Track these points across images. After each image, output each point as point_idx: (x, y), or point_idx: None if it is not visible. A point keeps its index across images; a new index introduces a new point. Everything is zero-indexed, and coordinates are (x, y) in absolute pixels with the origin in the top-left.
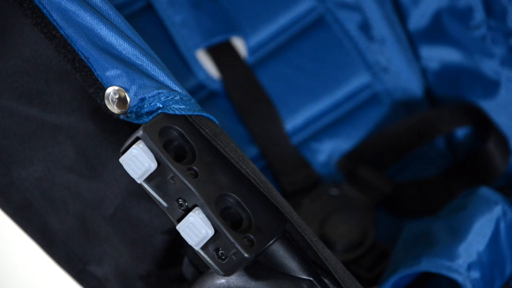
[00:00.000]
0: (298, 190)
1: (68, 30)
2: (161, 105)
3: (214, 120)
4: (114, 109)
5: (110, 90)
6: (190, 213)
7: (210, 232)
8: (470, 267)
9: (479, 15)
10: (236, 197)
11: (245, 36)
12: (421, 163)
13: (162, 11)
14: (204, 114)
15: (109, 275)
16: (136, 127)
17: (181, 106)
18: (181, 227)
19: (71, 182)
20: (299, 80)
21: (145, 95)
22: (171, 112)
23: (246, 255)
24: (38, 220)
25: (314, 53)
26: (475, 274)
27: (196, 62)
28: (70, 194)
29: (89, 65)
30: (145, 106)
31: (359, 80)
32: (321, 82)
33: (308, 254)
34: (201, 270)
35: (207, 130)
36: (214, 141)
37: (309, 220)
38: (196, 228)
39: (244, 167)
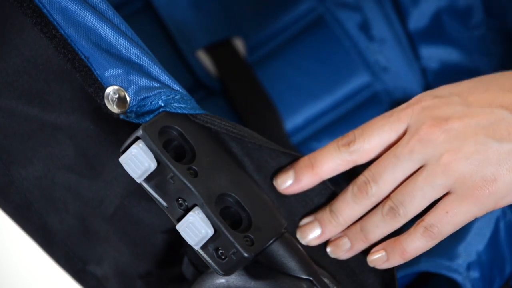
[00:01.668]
0: None
1: (68, 30)
2: (162, 104)
3: None
4: (114, 108)
5: (109, 89)
6: (190, 213)
7: (210, 231)
8: (469, 266)
9: (478, 15)
10: (236, 197)
11: (244, 36)
12: None
13: (161, 10)
14: (204, 112)
15: (108, 274)
16: (136, 126)
17: (182, 105)
18: (181, 227)
19: (71, 182)
20: (299, 79)
21: (145, 95)
22: (173, 110)
23: (245, 254)
24: (38, 220)
25: (314, 53)
26: (475, 274)
27: (196, 61)
28: (70, 194)
29: (89, 64)
30: (146, 105)
31: (359, 80)
32: (320, 82)
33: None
34: (201, 269)
35: (223, 124)
36: (235, 129)
37: None
38: (195, 228)
39: (274, 145)
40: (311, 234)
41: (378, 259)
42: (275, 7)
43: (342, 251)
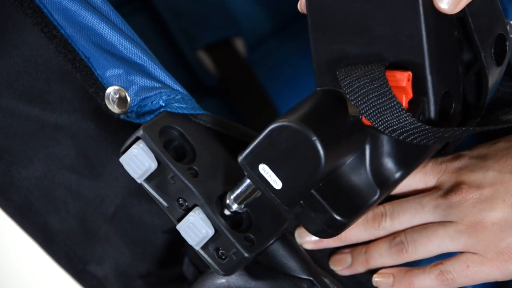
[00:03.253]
0: None
1: (68, 30)
2: (163, 104)
3: None
4: (114, 108)
5: (110, 89)
6: (191, 213)
7: (210, 231)
8: None
9: None
10: None
11: (244, 35)
12: None
13: (162, 9)
14: (205, 112)
15: (109, 274)
16: (136, 126)
17: (182, 105)
18: (181, 227)
19: (71, 182)
20: (299, 79)
21: (146, 95)
22: (173, 110)
23: (246, 254)
24: (38, 220)
25: None
26: None
27: (196, 60)
28: (70, 194)
29: (90, 64)
30: (147, 105)
31: None
32: None
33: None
34: (202, 269)
35: (224, 124)
36: (236, 129)
37: None
38: (196, 228)
39: None
40: (309, 237)
41: (383, 282)
42: (275, 6)
43: (341, 265)
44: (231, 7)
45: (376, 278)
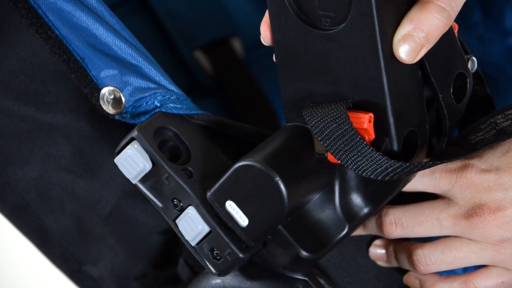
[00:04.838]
0: None
1: (63, 31)
2: (158, 104)
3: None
4: (109, 109)
5: (105, 90)
6: (190, 207)
7: (206, 227)
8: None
9: (476, 14)
10: None
11: (242, 35)
12: None
13: (159, 9)
14: (201, 112)
15: (104, 275)
16: (132, 127)
17: (177, 106)
18: (180, 220)
19: (67, 182)
20: None
21: (141, 95)
22: (168, 111)
23: (241, 255)
24: (34, 220)
25: None
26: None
27: (193, 60)
28: (66, 194)
29: (84, 65)
30: (142, 106)
31: None
32: None
33: None
34: (196, 270)
35: (221, 122)
36: (233, 127)
37: None
38: (193, 222)
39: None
40: None
41: (412, 284)
42: None
43: (379, 260)
44: (228, 7)
45: (404, 279)
